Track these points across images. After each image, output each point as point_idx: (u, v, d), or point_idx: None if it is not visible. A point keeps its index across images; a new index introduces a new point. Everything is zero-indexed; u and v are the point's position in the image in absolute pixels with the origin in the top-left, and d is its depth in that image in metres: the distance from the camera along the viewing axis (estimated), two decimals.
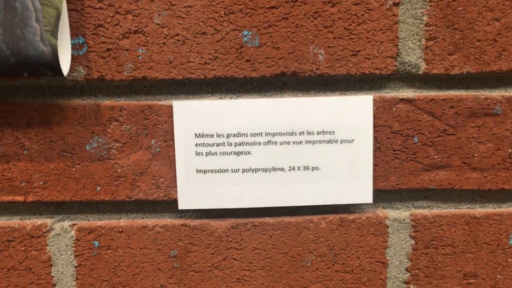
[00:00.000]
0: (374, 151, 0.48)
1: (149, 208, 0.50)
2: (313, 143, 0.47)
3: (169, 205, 0.49)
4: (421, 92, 0.48)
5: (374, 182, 0.48)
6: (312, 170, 0.48)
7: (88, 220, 0.50)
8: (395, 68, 0.47)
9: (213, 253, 0.49)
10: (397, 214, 0.50)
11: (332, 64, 0.47)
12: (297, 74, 0.47)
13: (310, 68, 0.47)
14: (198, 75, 0.46)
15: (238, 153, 0.47)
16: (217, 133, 0.47)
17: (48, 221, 0.49)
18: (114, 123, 0.47)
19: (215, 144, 0.47)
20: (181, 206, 0.48)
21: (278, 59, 0.46)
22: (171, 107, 0.47)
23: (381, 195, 0.50)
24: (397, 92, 0.48)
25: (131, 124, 0.47)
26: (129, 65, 0.46)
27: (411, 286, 0.51)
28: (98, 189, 0.48)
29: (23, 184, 0.48)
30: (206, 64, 0.46)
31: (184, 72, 0.46)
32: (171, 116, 0.47)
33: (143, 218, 0.50)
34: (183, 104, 0.46)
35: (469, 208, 0.50)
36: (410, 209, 0.50)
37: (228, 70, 0.46)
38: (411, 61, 0.47)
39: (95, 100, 0.47)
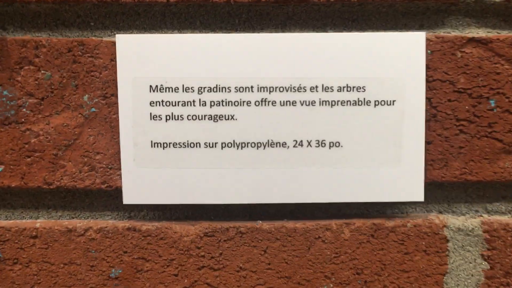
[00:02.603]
0: (427, 120, 0.31)
1: (79, 201, 0.33)
2: (332, 105, 0.31)
3: (110, 198, 0.33)
4: (499, 33, 0.31)
5: (426, 170, 0.31)
6: (330, 147, 0.31)
7: None
8: None
9: (176, 275, 0.32)
10: (462, 221, 0.32)
11: None
12: (308, 0, 0.30)
13: None
14: None
15: (215, 118, 0.31)
16: (183, 86, 0.30)
17: None
18: (26, 68, 0.31)
19: (180, 103, 0.31)
20: (128, 199, 0.31)
21: None
22: (113, 44, 0.31)
23: (437, 191, 0.33)
24: (464, 31, 0.31)
25: (52, 69, 0.31)
26: None
27: None
28: (0, 169, 0.31)
29: None
30: None
31: None
32: (114, 58, 0.31)
33: (71, 217, 0.33)
34: (131, 39, 0.30)
35: None
36: (482, 215, 0.32)
37: None
38: None
39: (0, 33, 0.31)
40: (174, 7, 0.31)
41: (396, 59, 0.31)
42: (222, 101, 0.31)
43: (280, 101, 0.31)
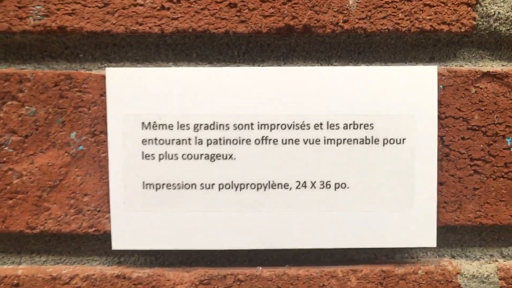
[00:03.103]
0: (439, 160, 0.29)
1: (64, 246, 0.31)
2: (338, 144, 0.29)
3: (98, 243, 0.31)
4: None
5: (438, 213, 0.30)
6: (336, 188, 0.29)
7: None
8: (474, 24, 0.29)
9: None
10: (477, 267, 0.30)
11: (371, 15, 0.29)
12: (312, 31, 0.29)
13: (333, 20, 0.29)
14: (150, 28, 0.28)
15: (212, 157, 0.28)
16: (178, 123, 0.28)
17: None
18: (9, 103, 0.29)
19: (174, 141, 0.28)
20: (117, 244, 0.29)
21: (281, 5, 0.28)
22: (103, 78, 0.29)
23: (450, 235, 0.31)
24: (477, 65, 0.30)
25: (37, 105, 0.29)
26: (38, 7, 0.28)
27: None
28: None
29: None
30: (163, 9, 0.29)
31: (128, 22, 0.28)
32: (103, 93, 0.29)
33: (56, 263, 0.31)
34: (122, 73, 0.28)
35: None
36: (497, 260, 0.30)
37: (200, 20, 0.28)
38: (499, 12, 0.29)
39: None
40: (169, 38, 0.29)
41: (406, 94, 0.29)
42: (220, 139, 0.29)
43: (282, 140, 0.29)
